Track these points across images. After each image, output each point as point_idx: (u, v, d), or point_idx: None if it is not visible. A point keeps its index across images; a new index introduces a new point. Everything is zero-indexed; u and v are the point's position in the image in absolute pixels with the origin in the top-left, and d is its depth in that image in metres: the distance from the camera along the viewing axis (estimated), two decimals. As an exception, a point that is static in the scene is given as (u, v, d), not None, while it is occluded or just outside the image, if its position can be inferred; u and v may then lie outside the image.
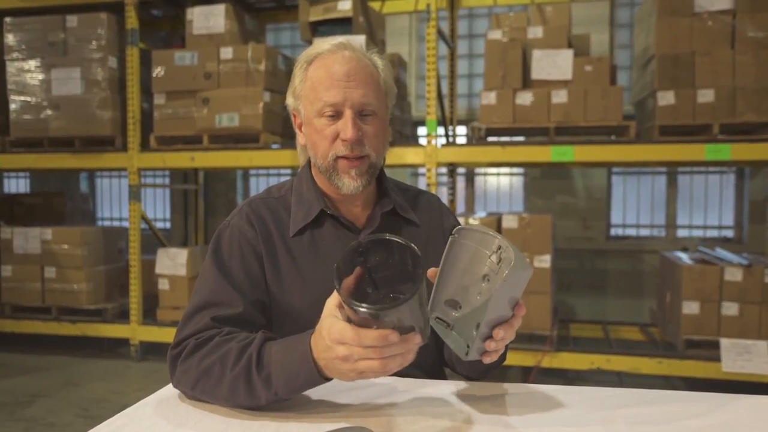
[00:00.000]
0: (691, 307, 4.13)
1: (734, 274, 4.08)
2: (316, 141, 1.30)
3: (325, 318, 1.00)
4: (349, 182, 1.29)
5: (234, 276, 1.28)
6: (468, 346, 1.03)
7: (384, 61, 1.34)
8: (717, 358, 3.99)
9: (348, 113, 1.26)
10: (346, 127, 1.26)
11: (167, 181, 7.63)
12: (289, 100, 1.37)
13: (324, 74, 1.27)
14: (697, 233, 6.43)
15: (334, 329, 0.96)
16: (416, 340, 0.95)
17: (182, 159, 4.83)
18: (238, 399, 1.11)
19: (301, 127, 1.37)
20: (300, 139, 1.39)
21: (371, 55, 1.33)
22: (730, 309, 4.08)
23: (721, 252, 4.70)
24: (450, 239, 1.08)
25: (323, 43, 1.32)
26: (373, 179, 1.34)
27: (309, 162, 1.43)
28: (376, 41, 4.67)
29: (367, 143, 1.28)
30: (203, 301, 1.25)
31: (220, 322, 1.22)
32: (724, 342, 3.99)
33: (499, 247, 1.00)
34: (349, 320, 0.95)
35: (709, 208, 6.39)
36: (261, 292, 1.30)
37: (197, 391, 1.15)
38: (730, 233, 6.38)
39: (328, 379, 1.06)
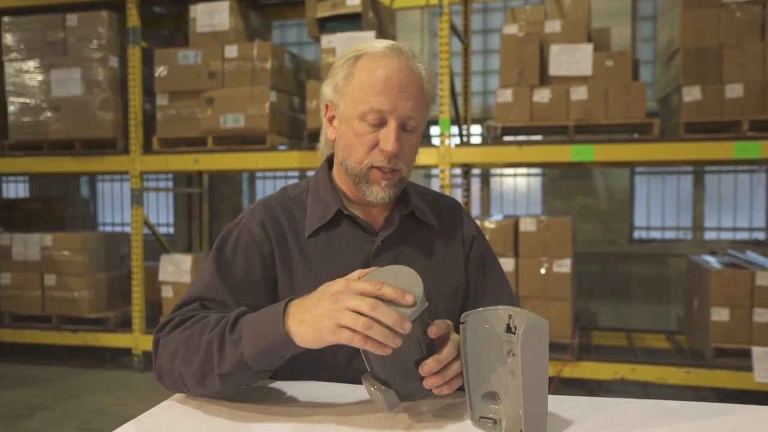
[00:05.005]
0: (720, 314, 4.07)
1: (766, 279, 4.01)
2: (352, 144, 1.30)
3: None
4: (378, 192, 1.30)
5: (233, 278, 1.29)
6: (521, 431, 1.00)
7: (428, 71, 1.34)
8: (748, 368, 3.91)
9: (392, 124, 1.26)
10: (388, 138, 1.26)
11: (170, 184, 7.74)
12: (327, 91, 1.34)
13: (375, 77, 1.26)
14: (726, 235, 6.38)
15: (355, 275, 1.04)
16: (406, 325, 0.96)
17: (186, 161, 4.83)
18: (211, 363, 1.10)
19: (332, 120, 1.36)
20: (329, 132, 1.38)
21: (417, 63, 1.31)
22: (763, 316, 4.01)
23: (752, 255, 4.67)
24: (461, 328, 1.07)
25: (374, 42, 1.31)
26: (399, 191, 1.35)
27: (327, 160, 1.44)
28: (386, 37, 4.62)
29: (403, 157, 1.30)
30: (196, 296, 1.27)
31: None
32: (757, 351, 3.91)
33: (510, 316, 1.01)
34: None
35: (739, 209, 6.33)
36: (259, 297, 1.29)
37: (176, 363, 1.15)
38: (761, 235, 6.31)
39: (296, 346, 1.04)
